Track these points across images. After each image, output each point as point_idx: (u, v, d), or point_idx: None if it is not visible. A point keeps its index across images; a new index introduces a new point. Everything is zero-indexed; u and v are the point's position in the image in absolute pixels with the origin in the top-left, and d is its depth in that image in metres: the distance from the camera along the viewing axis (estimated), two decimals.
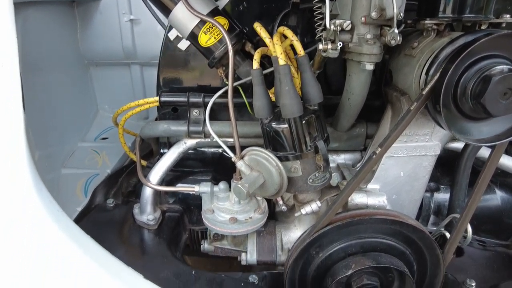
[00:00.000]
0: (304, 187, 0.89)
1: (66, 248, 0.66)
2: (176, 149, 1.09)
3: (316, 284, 0.90)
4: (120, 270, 0.68)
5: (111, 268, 0.66)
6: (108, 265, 0.67)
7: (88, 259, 0.64)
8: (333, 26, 0.79)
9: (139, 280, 0.68)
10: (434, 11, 0.80)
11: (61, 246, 0.66)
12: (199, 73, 1.17)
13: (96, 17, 1.46)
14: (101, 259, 0.66)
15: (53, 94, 1.35)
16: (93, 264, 0.64)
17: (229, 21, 0.94)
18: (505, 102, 0.67)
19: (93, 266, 0.64)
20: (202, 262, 1.54)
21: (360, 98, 0.91)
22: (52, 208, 0.72)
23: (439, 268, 0.91)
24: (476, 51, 0.69)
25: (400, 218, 0.85)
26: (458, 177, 0.99)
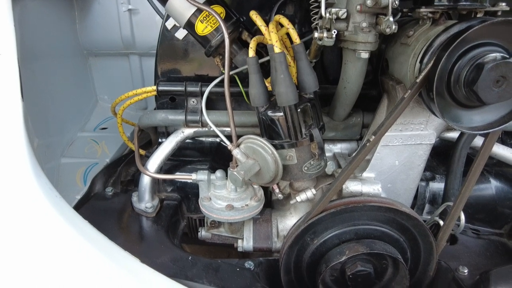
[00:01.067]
0: (299, 175, 0.90)
1: (65, 233, 0.68)
2: (173, 138, 1.10)
3: (311, 270, 0.92)
4: (117, 254, 0.69)
5: (109, 252, 0.68)
6: (105, 249, 0.68)
7: (86, 243, 0.66)
8: (329, 14, 0.79)
9: (136, 264, 0.69)
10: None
11: (60, 230, 0.68)
12: (197, 62, 1.17)
13: (95, 7, 1.46)
14: (99, 243, 0.68)
15: (52, 84, 1.36)
16: (90, 248, 0.66)
17: (225, 10, 0.94)
18: (497, 90, 0.68)
19: (91, 249, 0.65)
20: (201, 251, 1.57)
21: (356, 87, 0.92)
22: (51, 194, 0.74)
23: (432, 255, 0.92)
24: (470, 39, 0.69)
25: (394, 206, 0.86)
26: (452, 166, 1.00)
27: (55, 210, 0.71)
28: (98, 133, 1.54)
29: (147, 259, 0.87)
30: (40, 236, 0.68)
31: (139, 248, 0.95)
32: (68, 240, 0.67)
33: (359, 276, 0.87)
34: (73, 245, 0.66)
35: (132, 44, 1.53)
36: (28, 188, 0.71)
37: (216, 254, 1.54)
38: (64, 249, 0.65)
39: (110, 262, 0.66)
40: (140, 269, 0.69)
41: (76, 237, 0.66)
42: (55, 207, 0.71)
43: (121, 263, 0.67)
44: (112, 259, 0.68)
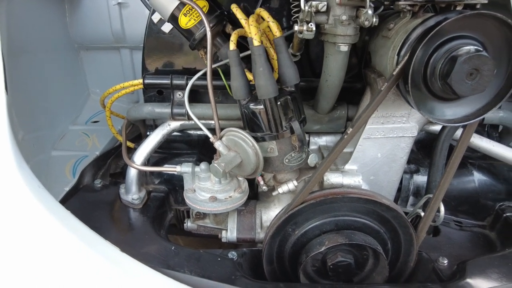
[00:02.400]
0: (280, 167, 0.91)
1: (46, 222, 0.69)
2: (160, 131, 1.11)
3: (293, 260, 0.94)
4: (97, 242, 0.71)
5: (89, 241, 0.70)
6: (86, 238, 0.70)
7: (66, 231, 0.68)
8: (308, 7, 0.79)
9: (116, 252, 0.71)
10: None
11: (41, 220, 0.69)
12: (184, 55, 1.18)
13: (84, 0, 1.46)
14: (80, 232, 0.70)
15: (42, 78, 1.36)
16: (70, 236, 0.67)
17: (209, 3, 0.95)
18: (471, 82, 0.68)
19: (71, 237, 0.67)
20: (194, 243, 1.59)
21: (338, 80, 0.92)
22: (34, 185, 0.75)
23: (412, 246, 0.94)
24: (445, 32, 0.70)
25: (374, 197, 0.88)
26: (435, 159, 1.01)
27: (37, 200, 0.72)
28: (89, 126, 1.55)
29: (132, 249, 0.88)
30: (21, 225, 0.70)
31: (124, 238, 0.97)
32: (49, 228, 0.68)
33: (339, 266, 0.89)
34: (53, 233, 0.67)
35: (122, 37, 1.53)
36: (10, 179, 0.73)
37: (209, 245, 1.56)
38: (44, 237, 0.67)
39: (90, 250, 0.68)
40: (120, 258, 0.70)
41: (57, 226, 0.68)
42: (37, 197, 0.73)
43: (100, 251, 0.69)
44: (92, 248, 0.69)
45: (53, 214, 0.72)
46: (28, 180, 0.75)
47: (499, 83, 0.75)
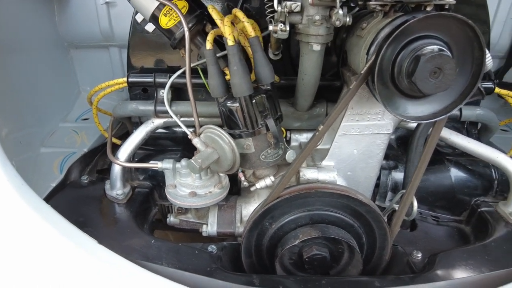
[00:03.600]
0: (257, 163, 0.94)
1: (26, 215, 0.72)
2: (144, 128, 1.14)
3: (270, 253, 0.97)
4: (76, 235, 0.74)
5: (68, 233, 0.72)
6: (65, 231, 0.73)
7: (45, 223, 0.70)
8: (281, 7, 0.81)
9: (93, 244, 0.74)
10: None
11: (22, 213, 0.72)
12: (168, 53, 1.20)
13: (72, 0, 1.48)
14: (56, 223, 0.72)
15: (31, 76, 1.39)
16: (48, 227, 0.70)
17: (189, 3, 0.97)
18: (434, 80, 0.71)
19: (48, 229, 0.70)
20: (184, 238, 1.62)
21: (313, 78, 0.95)
22: (16, 181, 0.78)
23: (387, 240, 0.96)
24: (410, 32, 0.72)
25: (347, 192, 0.90)
26: (410, 155, 1.03)
27: (19, 196, 0.75)
28: (79, 123, 1.57)
29: (114, 242, 0.92)
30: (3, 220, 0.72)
31: (108, 232, 1.00)
32: (28, 221, 0.71)
33: (315, 259, 0.92)
34: (32, 225, 0.70)
35: (111, 36, 1.55)
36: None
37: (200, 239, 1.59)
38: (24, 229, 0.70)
39: (68, 242, 0.71)
40: (98, 249, 0.73)
41: (35, 217, 0.71)
42: (19, 193, 0.76)
43: (79, 243, 0.72)
44: (71, 240, 0.72)
45: (34, 209, 0.75)
46: (11, 176, 0.78)
47: (465, 82, 0.77)
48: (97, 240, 0.78)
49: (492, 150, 1.08)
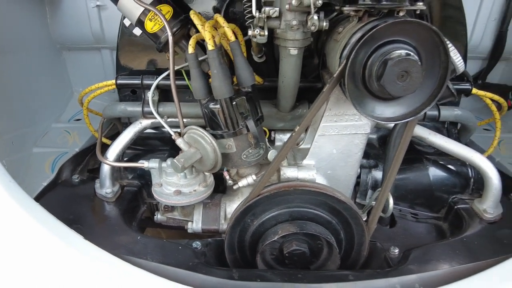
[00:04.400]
0: (239, 162, 0.97)
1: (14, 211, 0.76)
2: (132, 128, 1.17)
3: (252, 249, 1.01)
4: (62, 230, 0.77)
5: (54, 229, 0.76)
6: (51, 226, 0.76)
7: (31, 219, 0.74)
8: (258, 13, 0.85)
9: (79, 239, 0.77)
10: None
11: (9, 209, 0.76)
12: (156, 56, 1.24)
13: (64, 3, 1.51)
14: (42, 218, 0.76)
15: (25, 78, 1.42)
16: (34, 222, 0.74)
17: (173, 8, 1.00)
18: (402, 83, 0.75)
19: (34, 224, 0.73)
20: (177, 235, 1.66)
21: (292, 80, 0.98)
22: (4, 179, 0.82)
23: (364, 236, 1.00)
24: (379, 36, 0.76)
25: (324, 190, 0.94)
26: (388, 154, 1.07)
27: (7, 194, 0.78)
28: (72, 124, 1.61)
29: (102, 238, 0.95)
30: None
31: (97, 229, 1.04)
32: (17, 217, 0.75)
33: (295, 255, 0.95)
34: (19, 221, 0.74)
35: (102, 38, 1.59)
36: None
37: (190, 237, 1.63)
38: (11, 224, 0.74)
39: (55, 238, 0.75)
40: (83, 244, 0.77)
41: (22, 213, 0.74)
42: (7, 190, 0.79)
43: (64, 238, 0.75)
44: (57, 235, 0.76)
45: (22, 206, 0.78)
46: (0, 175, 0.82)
47: (433, 84, 0.81)
48: (84, 236, 0.81)
49: (467, 150, 1.12)
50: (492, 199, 1.10)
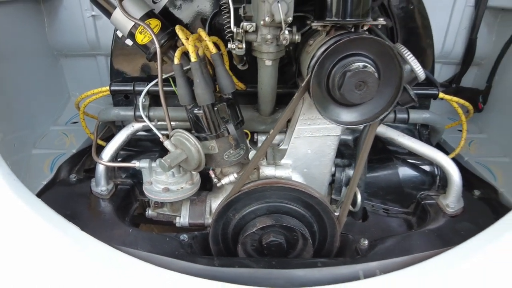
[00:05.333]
0: (221, 162, 1.08)
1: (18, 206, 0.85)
2: (125, 131, 1.27)
3: (235, 240, 1.10)
4: (61, 222, 0.87)
5: (53, 221, 0.86)
6: (51, 219, 0.86)
7: (33, 213, 0.84)
8: (237, 29, 0.95)
9: (77, 231, 0.87)
10: (323, 14, 0.96)
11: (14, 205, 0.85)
12: (147, 64, 1.34)
13: (61, 12, 1.61)
14: (43, 212, 0.86)
15: (23, 83, 1.51)
16: (35, 216, 0.83)
17: (161, 22, 1.10)
18: (359, 92, 0.85)
19: (36, 218, 0.83)
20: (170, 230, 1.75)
21: (269, 87, 1.09)
22: (9, 178, 0.91)
23: (335, 229, 1.11)
24: (341, 50, 0.86)
25: (297, 186, 1.04)
26: (358, 154, 1.18)
27: (11, 190, 0.88)
28: (69, 126, 1.70)
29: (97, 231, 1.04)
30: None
31: (93, 223, 1.13)
32: (20, 211, 0.84)
33: (272, 245, 1.05)
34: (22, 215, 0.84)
35: (97, 46, 1.68)
36: None
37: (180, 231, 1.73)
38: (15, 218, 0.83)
39: (54, 229, 0.84)
40: (80, 235, 0.87)
41: (24, 208, 0.84)
42: (11, 187, 0.89)
43: (63, 229, 0.85)
44: (56, 227, 0.85)
45: (24, 201, 0.88)
46: (5, 174, 0.91)
47: (391, 92, 0.91)
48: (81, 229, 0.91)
49: (432, 150, 1.23)
50: (454, 195, 1.21)
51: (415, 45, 1.35)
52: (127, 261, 0.84)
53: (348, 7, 0.91)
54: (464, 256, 0.84)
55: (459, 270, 0.83)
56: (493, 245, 0.84)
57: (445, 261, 0.87)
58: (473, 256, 0.83)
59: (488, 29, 1.69)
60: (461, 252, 0.85)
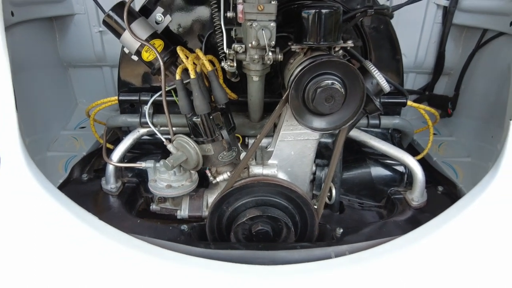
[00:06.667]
0: (216, 162, 1.26)
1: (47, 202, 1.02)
2: (131, 135, 1.45)
3: (228, 229, 1.28)
4: (83, 214, 1.04)
5: (76, 212, 1.03)
6: (74, 211, 1.03)
7: (63, 209, 1.01)
8: (228, 50, 1.13)
9: (95, 220, 1.04)
10: (301, 39, 1.14)
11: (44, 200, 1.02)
12: (149, 76, 1.52)
13: (71, 28, 1.78)
14: (71, 207, 1.03)
15: (37, 91, 1.68)
16: (64, 210, 1.00)
17: (164, 42, 1.28)
18: (328, 104, 1.03)
19: (64, 211, 1.00)
20: None
21: (257, 99, 1.27)
22: (39, 177, 1.08)
23: (314, 219, 1.29)
24: (314, 70, 1.04)
25: (281, 183, 1.23)
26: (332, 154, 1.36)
27: (41, 187, 1.05)
28: (77, 131, 1.87)
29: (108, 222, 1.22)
30: (30, 204, 1.03)
31: (104, 216, 1.29)
32: (50, 206, 1.02)
33: (260, 233, 1.23)
34: (54, 211, 1.01)
35: (103, 58, 1.86)
36: (21, 174, 1.06)
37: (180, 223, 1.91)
38: (49, 215, 1.00)
39: (78, 219, 1.02)
40: (98, 223, 1.04)
41: (56, 205, 1.01)
42: (41, 185, 1.06)
43: (84, 219, 1.03)
44: (79, 218, 1.03)
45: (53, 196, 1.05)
46: (35, 173, 1.08)
47: (355, 104, 1.10)
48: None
49: (399, 151, 1.42)
50: (418, 190, 1.40)
51: (387, 60, 1.54)
52: (139, 244, 1.02)
53: (321, 33, 1.10)
54: (413, 240, 1.03)
55: (409, 251, 1.01)
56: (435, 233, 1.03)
57: (398, 244, 1.06)
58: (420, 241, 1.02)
59: (455, 43, 1.89)
60: (412, 237, 1.04)
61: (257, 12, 1.07)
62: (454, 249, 1.00)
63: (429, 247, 1.00)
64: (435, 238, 1.02)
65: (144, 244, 1.02)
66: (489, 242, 1.02)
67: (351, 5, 1.41)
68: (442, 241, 1.01)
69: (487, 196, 1.07)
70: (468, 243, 1.01)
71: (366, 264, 1.01)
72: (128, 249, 0.99)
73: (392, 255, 1.02)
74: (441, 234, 1.03)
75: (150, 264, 0.97)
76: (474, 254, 1.00)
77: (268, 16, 1.08)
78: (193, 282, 0.93)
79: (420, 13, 1.82)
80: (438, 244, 1.01)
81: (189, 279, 0.94)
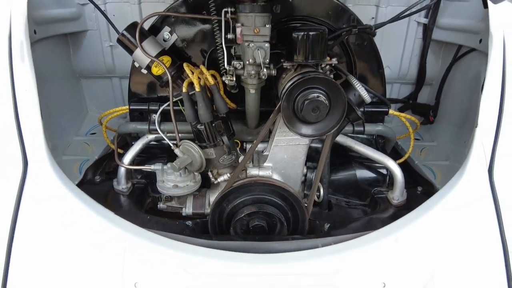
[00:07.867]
0: (218, 165, 1.42)
1: (69, 199, 1.18)
2: (141, 141, 1.61)
3: (228, 225, 1.44)
4: (100, 209, 1.20)
5: (94, 207, 1.18)
6: (93, 206, 1.19)
7: (82, 204, 1.16)
8: (228, 66, 1.30)
9: (111, 214, 1.20)
10: (292, 57, 1.30)
11: (66, 198, 1.18)
12: (157, 87, 1.68)
13: (84, 43, 1.95)
14: (89, 203, 1.18)
15: (54, 100, 1.84)
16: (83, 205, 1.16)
17: (172, 58, 1.45)
18: (314, 114, 1.20)
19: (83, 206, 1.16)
20: None
21: (254, 109, 1.44)
22: (62, 177, 1.24)
23: (305, 215, 1.45)
24: (302, 84, 1.21)
25: (275, 182, 1.39)
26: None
27: (64, 186, 1.21)
28: (89, 137, 2.03)
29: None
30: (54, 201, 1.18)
31: (116, 213, 1.46)
32: (71, 203, 1.17)
33: (257, 228, 1.38)
34: (74, 205, 1.16)
35: (113, 69, 2.03)
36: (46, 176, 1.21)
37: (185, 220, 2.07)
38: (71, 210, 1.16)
39: (97, 215, 1.17)
40: (114, 217, 1.20)
41: (76, 200, 1.17)
42: (64, 184, 1.22)
43: (101, 214, 1.18)
44: (98, 213, 1.18)
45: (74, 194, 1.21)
46: (59, 174, 1.24)
47: (338, 114, 1.26)
48: None
49: (381, 155, 1.58)
50: (398, 190, 1.56)
51: (371, 73, 1.71)
52: (151, 236, 1.17)
53: (309, 52, 1.27)
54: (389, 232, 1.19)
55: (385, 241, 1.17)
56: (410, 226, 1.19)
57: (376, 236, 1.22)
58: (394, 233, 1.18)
59: (435, 57, 2.07)
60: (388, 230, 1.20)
61: (254, 34, 1.24)
62: (427, 237, 1.16)
63: (405, 237, 1.16)
64: (410, 229, 1.18)
65: (156, 236, 1.17)
66: (456, 232, 1.18)
67: (338, 25, 1.59)
68: (416, 232, 1.17)
69: (454, 195, 1.24)
70: (438, 233, 1.18)
71: (348, 252, 1.17)
72: (142, 240, 1.15)
73: (371, 245, 1.17)
74: (415, 226, 1.19)
75: (161, 252, 1.13)
76: (443, 242, 1.16)
77: (263, 38, 1.25)
78: (198, 267, 1.09)
79: (403, 29, 2.00)
80: (413, 234, 1.17)
81: (195, 265, 1.09)
